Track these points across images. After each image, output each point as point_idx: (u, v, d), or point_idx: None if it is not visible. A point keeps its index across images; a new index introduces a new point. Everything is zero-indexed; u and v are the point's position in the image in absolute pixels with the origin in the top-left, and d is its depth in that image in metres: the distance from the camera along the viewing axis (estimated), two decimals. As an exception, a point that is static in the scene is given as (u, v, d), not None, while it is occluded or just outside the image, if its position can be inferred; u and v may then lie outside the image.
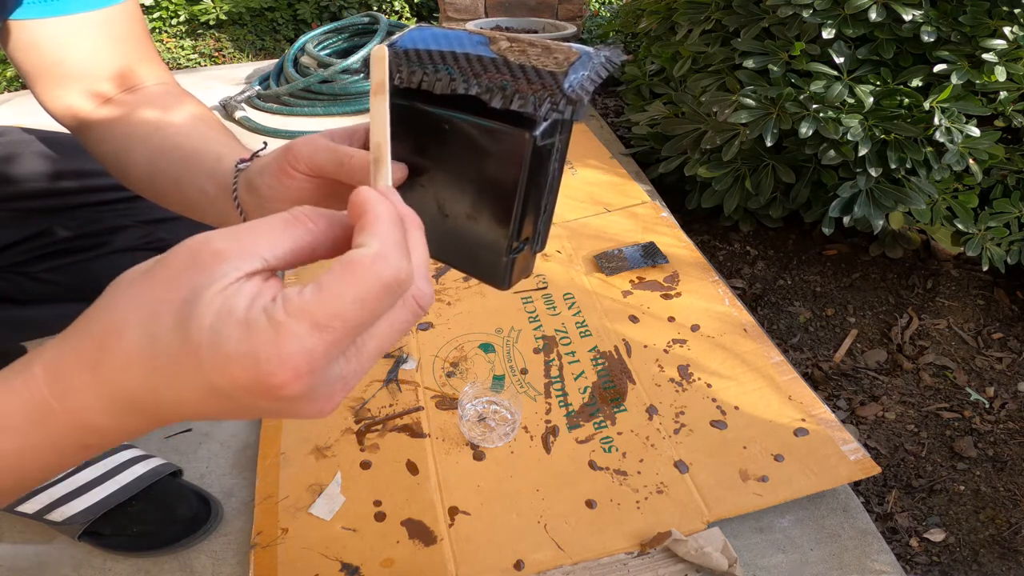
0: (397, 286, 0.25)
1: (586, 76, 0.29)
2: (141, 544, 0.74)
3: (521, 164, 0.30)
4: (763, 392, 0.91)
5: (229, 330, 0.23)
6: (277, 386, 0.23)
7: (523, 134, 0.29)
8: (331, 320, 0.23)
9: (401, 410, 0.90)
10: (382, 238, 0.25)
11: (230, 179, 0.45)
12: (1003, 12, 1.07)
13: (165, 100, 0.55)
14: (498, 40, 0.31)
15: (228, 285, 0.24)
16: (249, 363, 0.23)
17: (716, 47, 1.33)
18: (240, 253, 0.25)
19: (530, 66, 0.29)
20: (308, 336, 0.23)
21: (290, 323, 0.23)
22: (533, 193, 0.32)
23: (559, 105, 0.28)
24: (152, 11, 2.98)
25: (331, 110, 1.93)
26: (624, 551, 0.73)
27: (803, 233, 1.46)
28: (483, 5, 2.18)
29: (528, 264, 0.36)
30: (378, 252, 0.25)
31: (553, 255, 1.21)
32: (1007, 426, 1.04)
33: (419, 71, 0.31)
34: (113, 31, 0.55)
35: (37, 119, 0.68)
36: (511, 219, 0.31)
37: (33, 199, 0.76)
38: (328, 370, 0.25)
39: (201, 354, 0.23)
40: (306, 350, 0.23)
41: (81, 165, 0.78)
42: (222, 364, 0.23)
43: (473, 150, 0.31)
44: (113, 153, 0.54)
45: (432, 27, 0.33)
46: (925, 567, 0.87)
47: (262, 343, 0.23)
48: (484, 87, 0.29)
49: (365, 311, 0.24)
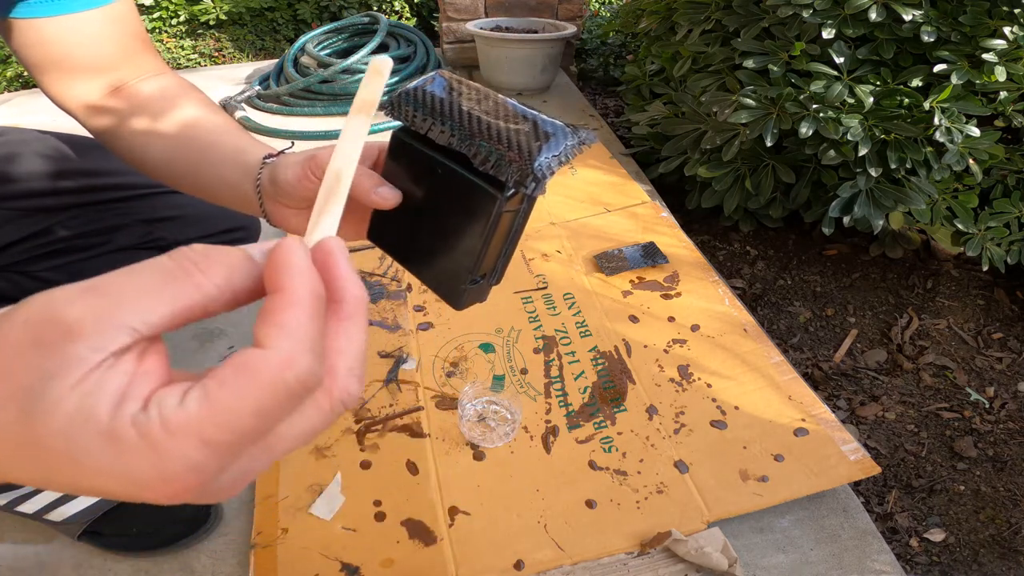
0: (303, 391, 0.21)
1: (554, 158, 0.33)
2: (141, 544, 0.73)
3: (489, 218, 0.34)
4: (763, 392, 0.91)
5: (90, 441, 0.19)
6: (157, 499, 0.20)
7: (495, 195, 0.33)
8: (223, 435, 0.20)
9: (401, 410, 0.89)
10: (292, 335, 0.21)
11: (254, 169, 0.48)
12: (1003, 12, 1.07)
13: (174, 91, 0.58)
14: (492, 107, 0.35)
15: (86, 375, 0.19)
16: (120, 480, 0.19)
17: (716, 47, 1.33)
18: (99, 326, 0.19)
19: (513, 139, 0.33)
20: (195, 454, 0.19)
21: (171, 442, 0.19)
22: (495, 241, 0.36)
23: (525, 181, 0.32)
24: (152, 11, 2.98)
25: (331, 110, 1.93)
26: (624, 551, 0.73)
27: (803, 233, 1.46)
28: (483, 5, 2.18)
29: (483, 293, 0.40)
30: (285, 358, 0.20)
31: (553, 255, 1.21)
32: (1007, 426, 1.04)
33: (429, 119, 0.35)
34: (116, 26, 0.57)
35: (37, 119, 0.69)
36: (474, 258, 0.36)
37: (33, 198, 0.76)
38: (220, 476, 0.21)
39: (53, 464, 0.20)
40: (193, 468, 0.20)
41: (81, 165, 0.79)
42: (84, 477, 0.19)
43: (455, 195, 0.35)
44: (128, 143, 0.57)
45: (446, 79, 0.37)
46: (925, 567, 0.87)
47: (137, 463, 0.19)
48: (474, 149, 0.33)
49: (266, 422, 0.21)
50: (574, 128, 0.34)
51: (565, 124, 0.34)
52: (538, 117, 0.34)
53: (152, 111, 0.56)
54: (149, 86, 0.58)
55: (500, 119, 0.34)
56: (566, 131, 0.33)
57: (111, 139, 0.58)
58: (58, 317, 0.19)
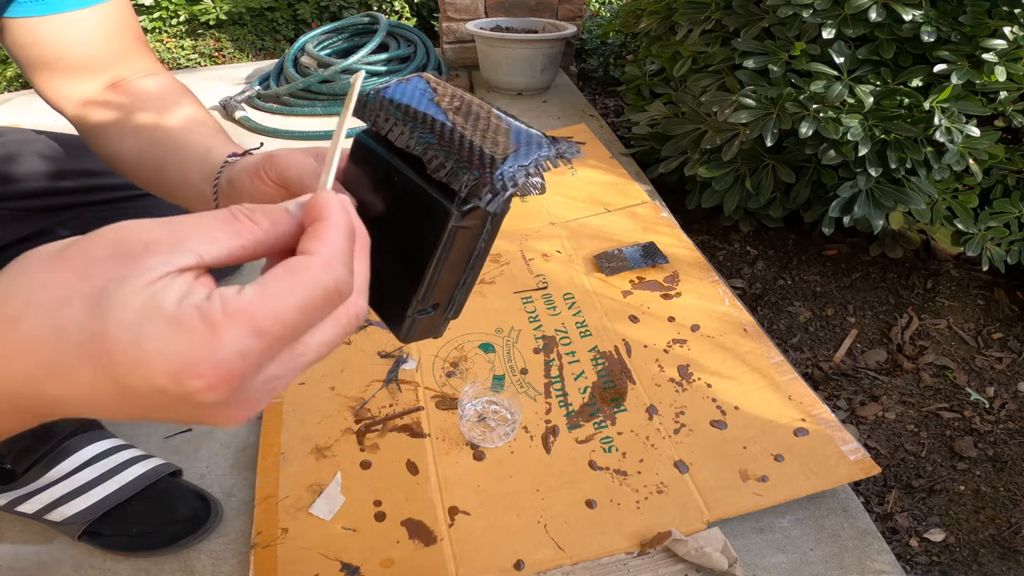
0: (337, 296, 0.24)
1: (520, 168, 0.28)
2: (141, 544, 0.73)
3: (441, 236, 0.29)
4: (763, 392, 0.91)
5: (155, 327, 0.21)
6: (200, 390, 0.22)
7: (448, 208, 0.29)
8: (272, 325, 0.22)
9: (401, 410, 0.89)
10: (331, 247, 0.24)
11: (216, 169, 0.46)
12: (1003, 12, 1.07)
13: (162, 93, 0.57)
14: (464, 110, 0.31)
15: (156, 279, 0.22)
16: (175, 363, 0.21)
17: (716, 47, 1.33)
18: (172, 246, 0.23)
19: (477, 145, 0.29)
20: (247, 339, 0.22)
21: (228, 324, 0.21)
22: (450, 265, 0.31)
23: (481, 192, 0.28)
24: (152, 11, 2.98)
25: (331, 110, 1.93)
26: (624, 551, 0.73)
27: (803, 233, 1.46)
28: (483, 5, 2.18)
29: (437, 327, 0.35)
30: (325, 260, 0.24)
31: (553, 255, 1.21)
32: (1007, 426, 1.04)
33: (392, 119, 0.32)
34: (108, 26, 0.57)
35: (37, 119, 0.69)
36: (421, 283, 0.31)
37: (33, 198, 0.76)
38: (256, 376, 0.23)
39: (116, 351, 0.21)
40: (242, 354, 0.22)
41: (81, 165, 0.79)
42: (141, 363, 0.21)
43: (408, 207, 0.31)
44: (105, 141, 0.56)
45: (426, 81, 0.34)
46: (925, 567, 0.87)
47: (195, 343, 0.21)
48: (430, 153, 0.29)
49: (305, 318, 0.23)
50: (554, 140, 0.30)
51: (547, 136, 0.30)
52: (515, 126, 0.31)
53: (134, 109, 0.55)
54: (141, 85, 0.58)
55: (469, 123, 0.30)
56: (543, 142, 0.29)
57: (98, 136, 0.57)
58: (138, 236, 0.23)
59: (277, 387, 0.25)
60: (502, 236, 1.22)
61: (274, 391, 0.25)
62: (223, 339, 0.21)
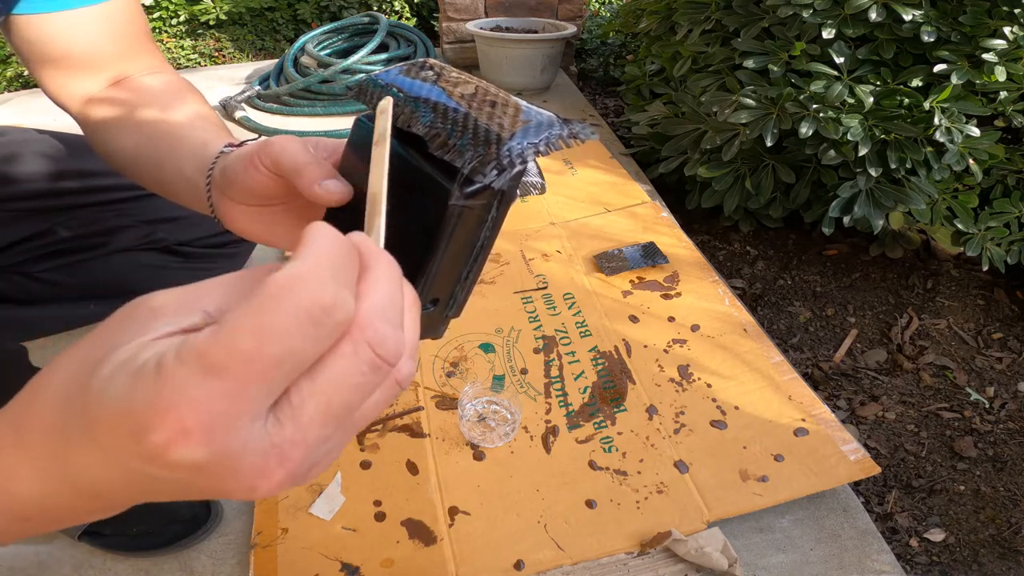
0: (323, 315, 0.19)
1: (530, 145, 0.26)
2: (141, 544, 0.74)
3: (442, 219, 0.27)
4: (763, 392, 0.91)
5: (118, 380, 0.19)
6: (160, 445, 0.19)
7: (449, 188, 0.27)
8: (225, 360, 0.18)
9: (401, 410, 0.90)
10: (311, 259, 0.20)
11: (211, 161, 0.45)
12: (1003, 12, 1.07)
13: (165, 89, 0.57)
14: (471, 92, 0.30)
15: (152, 340, 0.20)
16: (123, 416, 0.19)
17: (716, 47, 1.33)
18: (179, 309, 0.21)
19: (483, 123, 0.27)
20: (194, 382, 0.18)
21: (174, 367, 0.18)
22: (451, 254, 0.29)
23: (486, 168, 0.26)
24: (152, 11, 2.98)
25: (331, 110, 1.93)
26: (624, 551, 0.73)
27: (803, 233, 1.46)
28: (483, 5, 2.18)
29: (436, 326, 0.33)
30: (295, 273, 0.19)
31: (553, 255, 1.21)
32: (1007, 426, 1.04)
33: (394, 101, 0.30)
34: (114, 24, 0.57)
35: (37, 119, 0.69)
36: (422, 276, 0.29)
37: (34, 199, 0.76)
38: (239, 432, 0.19)
39: (89, 410, 0.20)
40: (191, 400, 0.18)
41: (82, 165, 0.79)
42: (103, 418, 0.20)
43: (408, 190, 0.29)
44: (106, 137, 0.56)
45: (430, 64, 0.32)
46: (925, 567, 0.87)
47: (140, 391, 0.19)
48: (434, 130, 0.28)
49: (271, 347, 0.19)
50: (567, 121, 0.28)
51: (559, 116, 0.28)
52: (526, 106, 0.29)
53: (136, 105, 0.55)
54: (145, 81, 0.58)
55: (475, 104, 0.29)
56: (554, 121, 0.28)
57: (100, 132, 0.57)
58: (148, 304, 0.22)
59: (292, 453, 0.20)
60: (502, 236, 1.22)
61: (289, 457, 0.20)
62: (166, 385, 0.18)
